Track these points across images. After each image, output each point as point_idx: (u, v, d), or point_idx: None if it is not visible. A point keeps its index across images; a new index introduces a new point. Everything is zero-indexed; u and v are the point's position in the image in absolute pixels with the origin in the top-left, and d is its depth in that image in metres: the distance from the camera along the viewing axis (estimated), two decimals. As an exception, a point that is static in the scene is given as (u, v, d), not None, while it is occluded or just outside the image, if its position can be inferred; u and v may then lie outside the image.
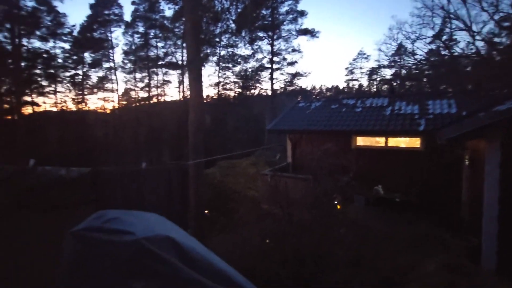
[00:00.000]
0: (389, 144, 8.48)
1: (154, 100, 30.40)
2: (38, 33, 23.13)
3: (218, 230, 7.36)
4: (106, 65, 28.60)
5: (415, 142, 8.08)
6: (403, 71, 26.79)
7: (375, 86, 34.04)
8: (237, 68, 26.37)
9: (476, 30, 16.57)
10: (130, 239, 1.14)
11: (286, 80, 25.03)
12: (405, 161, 8.15)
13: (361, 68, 36.09)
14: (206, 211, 8.04)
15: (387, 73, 30.29)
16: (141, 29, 27.45)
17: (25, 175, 1.62)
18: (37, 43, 23.74)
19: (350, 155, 8.08)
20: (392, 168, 8.34)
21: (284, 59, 23.82)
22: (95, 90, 29.32)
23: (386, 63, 27.64)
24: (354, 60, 36.33)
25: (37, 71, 24.62)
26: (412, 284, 3.27)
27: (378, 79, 33.88)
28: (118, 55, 48.08)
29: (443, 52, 21.24)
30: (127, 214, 1.34)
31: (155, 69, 28.31)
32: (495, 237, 4.66)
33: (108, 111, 31.71)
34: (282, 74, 24.69)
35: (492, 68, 14.79)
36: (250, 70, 25.24)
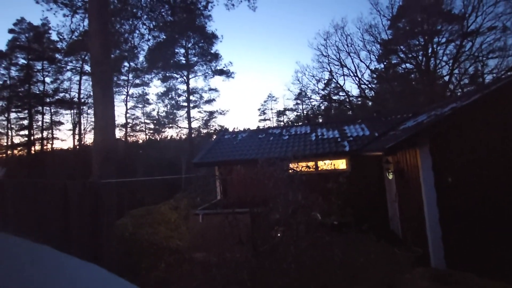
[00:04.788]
0: (319, 168, 8.58)
1: (37, 146, 24.40)
2: None
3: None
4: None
5: (341, 164, 8.41)
6: (306, 111, 30.50)
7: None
8: (148, 108, 24.37)
9: (359, 76, 20.55)
10: None
11: (204, 118, 24.51)
12: (335, 183, 8.27)
13: (271, 109, 39.50)
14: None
15: (292, 115, 33.89)
16: (21, 61, 22.73)
17: None
18: None
19: (286, 182, 7.70)
20: (325, 192, 8.32)
21: (201, 97, 23.56)
22: None
23: (291, 104, 30.97)
24: (265, 102, 39.65)
25: None
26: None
27: (285, 120, 37.47)
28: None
29: (333, 96, 25.51)
30: None
31: (40, 108, 23.22)
32: (441, 240, 4.74)
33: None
34: (200, 112, 24.13)
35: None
36: (163, 109, 23.71)
